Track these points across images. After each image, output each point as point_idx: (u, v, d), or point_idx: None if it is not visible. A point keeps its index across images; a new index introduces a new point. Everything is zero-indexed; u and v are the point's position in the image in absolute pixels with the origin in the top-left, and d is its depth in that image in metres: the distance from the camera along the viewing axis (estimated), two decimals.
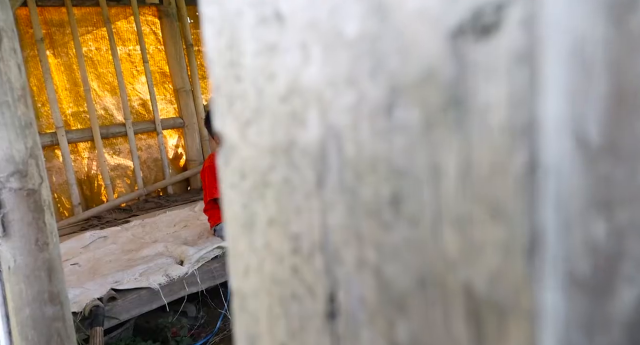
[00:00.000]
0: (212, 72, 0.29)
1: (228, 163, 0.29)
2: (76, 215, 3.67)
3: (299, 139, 0.24)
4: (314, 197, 0.24)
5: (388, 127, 0.19)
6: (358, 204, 0.21)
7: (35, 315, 1.30)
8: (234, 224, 0.30)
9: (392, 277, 0.20)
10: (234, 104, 0.28)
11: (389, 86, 0.19)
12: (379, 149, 0.19)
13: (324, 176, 0.23)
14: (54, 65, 3.69)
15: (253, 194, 0.28)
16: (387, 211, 0.20)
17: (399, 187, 0.19)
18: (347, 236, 0.22)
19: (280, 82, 0.24)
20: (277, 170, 0.26)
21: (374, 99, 0.19)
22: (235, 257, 0.30)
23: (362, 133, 0.20)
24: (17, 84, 1.24)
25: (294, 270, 0.26)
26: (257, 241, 0.28)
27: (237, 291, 0.31)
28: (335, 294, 0.24)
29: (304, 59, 0.23)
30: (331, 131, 0.22)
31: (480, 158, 0.16)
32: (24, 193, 1.22)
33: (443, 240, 0.18)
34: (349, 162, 0.21)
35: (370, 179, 0.20)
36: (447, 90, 0.16)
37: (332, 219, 0.23)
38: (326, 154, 0.22)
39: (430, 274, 0.18)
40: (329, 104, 0.22)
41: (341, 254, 0.23)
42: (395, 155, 0.19)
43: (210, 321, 2.83)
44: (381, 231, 0.20)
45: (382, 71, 0.19)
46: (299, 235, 0.25)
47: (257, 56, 0.25)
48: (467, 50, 0.16)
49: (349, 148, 0.21)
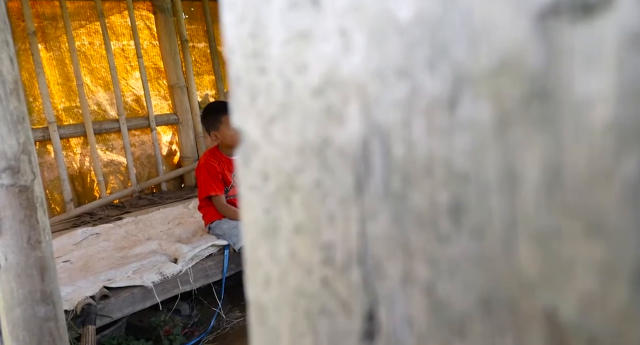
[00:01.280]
0: (231, 63, 0.26)
1: (248, 163, 0.27)
2: (68, 211, 3.62)
3: (334, 137, 0.21)
4: (351, 202, 0.21)
5: (449, 124, 0.16)
6: (407, 212, 0.19)
7: (27, 315, 1.27)
8: (253, 230, 0.27)
9: (448, 296, 0.17)
10: (257, 99, 0.25)
11: (453, 77, 0.16)
12: (436, 149, 0.17)
13: (365, 180, 0.20)
14: (46, 60, 3.63)
15: (277, 197, 0.25)
16: (444, 221, 0.17)
17: (461, 193, 0.16)
18: (391, 248, 0.20)
19: (313, 74, 0.22)
20: (307, 172, 0.23)
21: (432, 93, 0.17)
22: (254, 266, 0.28)
23: (415, 131, 0.18)
24: (9, 78, 1.21)
25: (324, 283, 0.24)
26: (280, 249, 0.26)
27: (255, 302, 0.28)
28: (375, 311, 0.21)
29: (343, 47, 0.20)
30: (375, 129, 0.19)
31: (574, 162, 0.13)
32: (16, 190, 1.18)
33: (518, 257, 0.15)
34: (397, 164, 0.19)
35: (423, 184, 0.18)
36: (530, 81, 0.14)
37: (372, 228, 0.20)
38: (368, 154, 0.20)
39: (498, 295, 0.16)
40: (373, 98, 0.19)
41: (383, 268, 0.20)
42: (458, 157, 0.16)
43: (204, 320, 2.80)
44: (436, 243, 0.18)
45: (443, 60, 0.16)
46: (332, 244, 0.23)
47: (285, 45, 0.23)
48: (561, 33, 0.13)
49: (398, 148, 0.19)
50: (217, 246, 2.71)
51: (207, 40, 4.46)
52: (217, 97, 4.51)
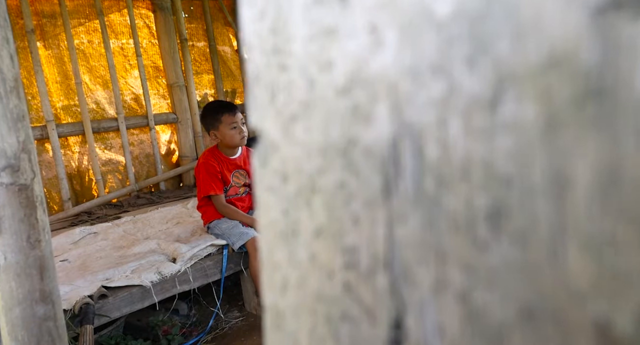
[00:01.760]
0: (250, 60, 0.25)
1: (266, 163, 0.26)
2: (66, 210, 3.61)
3: (361, 137, 0.21)
4: (378, 205, 0.20)
5: (490, 125, 0.16)
6: (441, 216, 0.18)
7: (26, 314, 1.26)
8: (270, 232, 0.27)
9: (485, 305, 0.17)
10: (277, 97, 0.24)
11: (495, 75, 0.15)
12: (475, 151, 0.16)
13: (394, 182, 0.19)
14: (45, 58, 3.61)
15: (297, 199, 0.24)
16: (482, 226, 0.16)
17: (502, 197, 0.16)
18: (422, 253, 0.19)
19: (338, 71, 0.21)
20: (330, 173, 0.22)
21: (471, 91, 0.16)
22: (270, 269, 0.27)
23: (452, 132, 0.17)
24: (9, 75, 1.20)
25: (347, 288, 0.23)
26: (299, 253, 0.25)
27: (271, 307, 0.27)
28: (402, 319, 0.20)
29: (373, 44, 0.19)
30: (407, 129, 0.19)
31: (634, 165, 0.12)
32: (15, 188, 1.17)
33: (566, 265, 0.14)
34: (431, 166, 0.18)
35: (460, 186, 0.17)
36: (585, 79, 0.13)
37: (401, 231, 0.20)
38: (398, 155, 0.19)
39: (542, 305, 0.15)
40: (405, 97, 0.18)
41: (413, 273, 0.19)
42: (499, 159, 0.15)
43: (202, 319, 2.79)
44: (473, 249, 0.17)
45: (485, 57, 0.15)
46: (356, 248, 0.22)
47: (309, 42, 0.22)
48: (620, 28, 0.12)
49: (431, 149, 0.18)
50: (216, 246, 2.70)
51: (206, 39, 4.45)
52: (216, 96, 4.50)
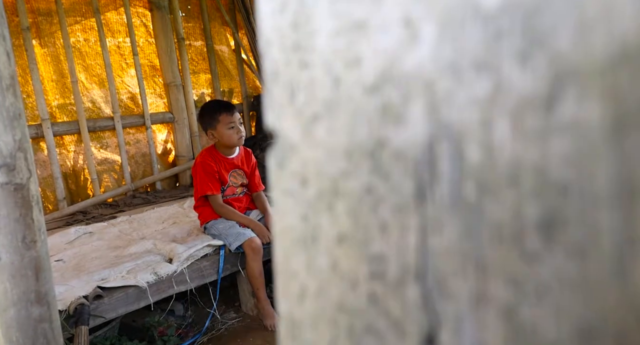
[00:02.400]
0: (267, 56, 0.24)
1: (284, 165, 0.24)
2: (61, 210, 3.58)
3: (391, 139, 0.19)
4: (409, 212, 0.19)
5: (544, 126, 0.14)
6: (482, 225, 0.16)
7: (21, 316, 1.24)
8: (287, 238, 0.25)
9: (534, 323, 0.15)
10: (297, 95, 0.23)
11: (551, 72, 0.14)
12: (525, 155, 0.15)
13: (429, 186, 0.18)
14: (40, 56, 3.58)
15: (317, 203, 0.23)
16: (532, 237, 0.15)
17: (557, 206, 0.14)
18: (460, 264, 0.17)
19: (367, 68, 0.20)
20: (355, 176, 0.21)
21: (522, 90, 0.15)
22: (286, 277, 0.26)
23: (498, 134, 0.16)
24: (5, 73, 1.18)
25: (372, 299, 0.21)
26: (319, 260, 0.24)
27: (287, 316, 0.26)
28: (435, 334, 0.19)
29: (407, 39, 0.18)
30: (444, 130, 0.17)
31: None
32: (11, 188, 1.15)
33: (634, 282, 0.13)
34: (472, 170, 0.17)
35: (506, 193, 0.16)
36: None
37: (436, 240, 0.18)
38: (434, 158, 0.18)
39: (603, 325, 0.14)
40: (443, 95, 0.17)
41: (448, 285, 0.18)
42: (554, 164, 0.14)
43: (198, 320, 2.77)
44: (520, 262, 0.15)
45: (540, 52, 0.14)
46: (383, 257, 0.21)
47: (334, 37, 0.21)
48: None
49: (473, 152, 0.16)
50: (213, 246, 2.68)
51: (203, 39, 4.43)
52: (213, 96, 4.48)
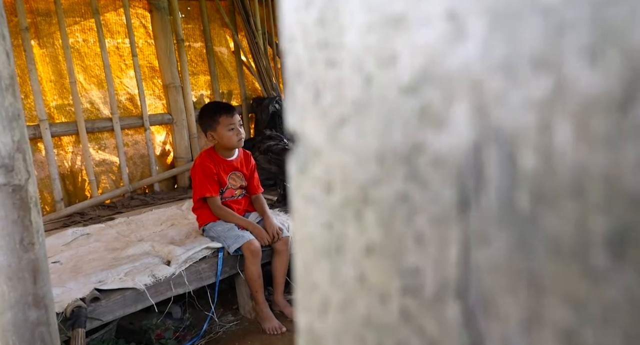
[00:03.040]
0: (290, 54, 0.22)
1: (305, 170, 0.23)
2: (58, 211, 3.56)
3: (429, 143, 0.18)
4: (450, 222, 0.18)
5: (616, 130, 0.13)
6: (538, 239, 0.15)
7: (18, 319, 1.22)
8: (308, 247, 0.24)
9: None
10: (322, 96, 0.21)
11: (627, 70, 0.12)
12: (592, 162, 0.13)
13: (473, 195, 0.17)
14: (39, 56, 3.57)
15: (343, 211, 0.22)
16: (598, 253, 0.14)
17: (630, 220, 0.13)
18: (510, 281, 0.16)
19: (404, 66, 0.18)
20: (388, 183, 0.20)
21: (589, 90, 0.13)
22: (307, 288, 0.24)
23: (558, 138, 0.14)
24: (4, 73, 1.16)
25: (405, 316, 0.20)
26: (345, 272, 0.22)
27: (307, 330, 0.25)
28: None
29: (451, 34, 0.16)
30: (493, 134, 0.16)
31: None
32: (9, 189, 1.13)
33: None
34: (526, 178, 0.15)
35: (567, 204, 0.14)
36: None
37: (481, 254, 0.17)
38: (480, 165, 0.16)
39: None
40: (493, 96, 0.16)
41: (495, 304, 0.17)
42: (628, 172, 0.13)
43: (196, 323, 2.75)
44: (583, 280, 0.14)
45: (612, 48, 0.13)
46: (418, 270, 0.19)
47: (367, 32, 0.19)
48: None
49: (528, 159, 0.15)
50: (211, 249, 2.66)
51: (203, 40, 4.42)
52: (212, 97, 4.46)
